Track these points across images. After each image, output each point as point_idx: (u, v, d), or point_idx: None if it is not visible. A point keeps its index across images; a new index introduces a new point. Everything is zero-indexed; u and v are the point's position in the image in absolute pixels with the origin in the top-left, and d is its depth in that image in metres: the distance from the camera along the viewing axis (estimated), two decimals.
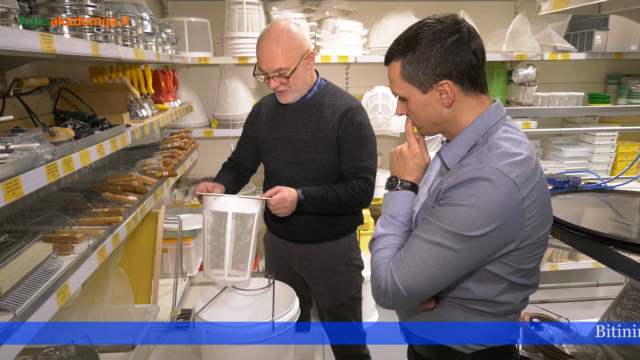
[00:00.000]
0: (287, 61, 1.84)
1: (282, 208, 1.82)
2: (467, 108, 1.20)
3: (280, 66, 1.83)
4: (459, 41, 1.14)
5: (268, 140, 2.05)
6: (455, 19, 1.17)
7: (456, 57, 1.14)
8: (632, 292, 1.95)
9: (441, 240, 1.10)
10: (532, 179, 1.11)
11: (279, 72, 1.85)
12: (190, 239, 2.78)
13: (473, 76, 1.17)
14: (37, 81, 1.63)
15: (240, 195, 1.67)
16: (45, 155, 1.16)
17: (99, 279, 1.94)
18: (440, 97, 1.18)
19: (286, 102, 1.96)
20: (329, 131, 1.94)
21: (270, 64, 1.84)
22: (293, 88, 1.91)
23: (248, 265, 1.71)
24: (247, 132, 2.16)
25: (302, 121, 1.97)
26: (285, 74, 1.85)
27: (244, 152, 2.17)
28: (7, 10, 1.08)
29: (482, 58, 1.18)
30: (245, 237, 1.71)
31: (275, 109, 2.05)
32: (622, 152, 3.71)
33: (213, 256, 1.71)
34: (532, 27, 3.43)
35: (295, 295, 1.78)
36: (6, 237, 1.42)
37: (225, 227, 1.63)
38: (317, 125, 1.95)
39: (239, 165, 2.18)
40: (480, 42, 1.18)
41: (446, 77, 1.16)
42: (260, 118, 2.09)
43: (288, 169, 2.01)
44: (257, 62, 1.90)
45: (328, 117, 1.95)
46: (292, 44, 1.85)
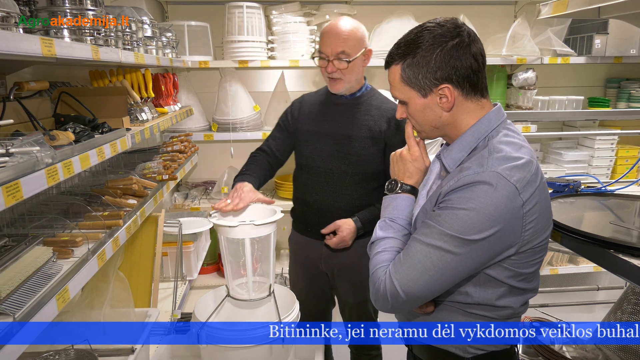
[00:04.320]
0: (351, 48, 1.92)
1: (344, 244, 1.99)
2: (467, 112, 1.20)
3: (343, 49, 1.91)
4: (459, 45, 1.14)
5: (309, 133, 2.09)
6: (456, 23, 1.17)
7: (456, 61, 1.14)
8: (632, 296, 1.95)
9: (441, 244, 1.10)
10: (533, 183, 1.11)
11: (340, 56, 1.92)
12: (190, 243, 2.77)
13: (473, 80, 1.17)
14: (38, 85, 1.63)
15: (256, 223, 1.66)
16: (45, 159, 1.16)
17: (98, 283, 1.94)
18: (440, 101, 1.19)
19: (337, 91, 2.01)
20: (376, 131, 2.01)
21: (335, 46, 1.91)
22: (347, 78, 1.97)
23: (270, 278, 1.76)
24: (284, 125, 2.18)
25: (349, 117, 2.03)
26: (346, 59, 1.92)
27: (279, 142, 2.18)
28: (7, 14, 1.08)
29: (483, 62, 1.18)
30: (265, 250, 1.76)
31: (321, 104, 2.11)
32: (622, 155, 3.71)
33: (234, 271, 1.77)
34: (532, 31, 3.44)
35: (296, 299, 1.78)
36: (6, 240, 1.42)
37: (244, 252, 1.67)
38: (363, 123, 2.01)
39: (270, 156, 2.18)
40: (481, 46, 1.18)
41: (446, 81, 1.16)
42: (303, 111, 2.14)
43: (328, 162, 2.05)
44: (319, 47, 1.98)
45: (375, 117, 2.02)
46: (358, 35, 1.95)
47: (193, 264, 2.85)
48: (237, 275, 1.78)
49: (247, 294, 1.73)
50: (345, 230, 1.96)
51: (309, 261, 2.18)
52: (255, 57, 3.24)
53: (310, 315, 2.19)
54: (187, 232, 2.72)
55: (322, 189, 2.07)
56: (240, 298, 1.76)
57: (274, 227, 1.70)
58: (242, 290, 1.77)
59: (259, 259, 1.75)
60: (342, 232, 1.96)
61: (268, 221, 1.65)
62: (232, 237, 1.68)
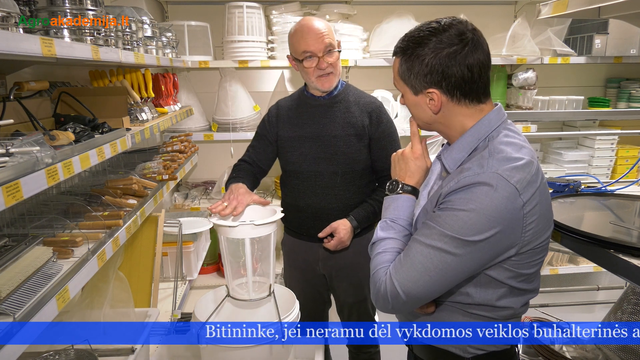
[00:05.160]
0: (333, 39, 1.96)
1: (343, 245, 2.00)
2: (460, 115, 1.20)
3: (330, 41, 1.93)
4: (455, 53, 1.12)
5: (292, 138, 2.07)
6: (461, 29, 1.14)
7: (448, 69, 1.13)
8: (632, 296, 1.94)
9: (441, 245, 1.10)
10: (533, 184, 1.11)
11: (330, 49, 1.93)
12: (190, 243, 2.77)
13: (465, 90, 1.16)
14: (38, 85, 1.63)
15: (256, 223, 1.66)
16: (45, 159, 1.16)
17: (98, 283, 1.93)
18: (429, 103, 1.19)
19: (330, 87, 2.01)
20: (359, 127, 2.00)
21: (322, 40, 1.92)
22: (337, 71, 1.99)
23: (270, 279, 1.75)
24: (264, 133, 2.15)
25: (330, 117, 2.02)
26: (335, 50, 1.95)
27: (260, 152, 2.16)
28: (7, 14, 1.08)
29: (480, 73, 1.15)
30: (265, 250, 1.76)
31: (298, 107, 2.09)
32: (622, 155, 3.70)
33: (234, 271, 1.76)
34: (532, 31, 3.43)
35: (296, 299, 1.78)
36: (6, 240, 1.42)
37: (244, 252, 1.67)
38: (345, 120, 2.01)
39: (253, 167, 2.16)
40: (481, 57, 1.15)
41: (435, 86, 1.16)
42: (281, 117, 2.11)
43: (316, 165, 2.03)
44: (301, 50, 1.94)
45: (356, 114, 2.01)
46: (330, 27, 1.98)
47: (193, 264, 2.85)
48: (237, 275, 1.78)
49: (247, 294, 1.73)
50: (342, 231, 1.97)
51: (306, 264, 2.17)
52: (255, 57, 3.24)
53: (307, 317, 2.19)
54: (187, 232, 2.72)
55: (313, 192, 2.05)
56: (240, 298, 1.76)
57: (274, 227, 1.70)
58: (242, 290, 1.77)
59: (259, 259, 1.75)
60: (339, 234, 1.97)
61: (268, 221, 1.65)
62: (232, 237, 1.68)
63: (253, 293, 1.73)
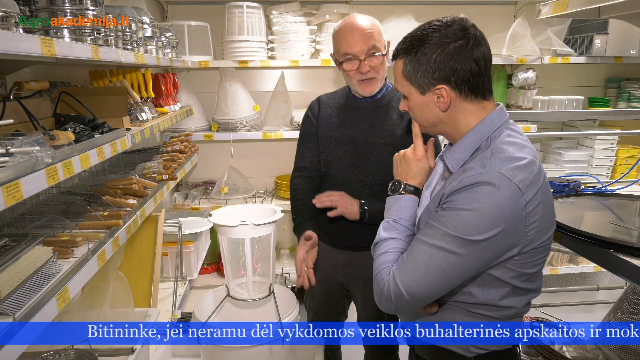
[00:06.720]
0: (379, 41, 1.79)
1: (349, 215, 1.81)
2: (466, 113, 1.20)
3: (375, 44, 1.77)
4: (461, 48, 1.13)
5: (330, 139, 1.95)
6: (463, 25, 1.16)
7: (456, 63, 1.14)
8: (632, 295, 1.95)
9: (444, 245, 1.10)
10: (536, 184, 1.11)
11: (373, 52, 1.77)
12: (190, 243, 2.78)
13: (472, 84, 1.16)
14: (38, 85, 1.63)
15: (256, 223, 1.65)
16: (45, 159, 1.16)
17: (98, 283, 1.93)
18: (437, 101, 1.19)
19: (371, 92, 1.87)
20: (396, 136, 1.87)
21: (365, 42, 1.76)
22: (380, 76, 1.84)
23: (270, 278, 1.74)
24: (310, 131, 2.02)
25: (368, 122, 1.90)
26: (379, 53, 1.79)
27: (315, 154, 2.00)
28: (7, 14, 1.08)
29: (486, 66, 1.17)
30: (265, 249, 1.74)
31: (339, 107, 1.97)
32: (622, 155, 3.71)
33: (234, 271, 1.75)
34: (532, 30, 3.43)
35: (296, 299, 1.78)
36: (6, 240, 1.41)
37: (244, 252, 1.66)
38: (382, 128, 1.88)
39: (312, 173, 2.00)
40: (485, 51, 1.17)
41: (444, 82, 1.16)
42: (322, 115, 1.99)
43: (347, 171, 1.92)
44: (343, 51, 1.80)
45: (395, 121, 1.88)
46: (379, 27, 1.82)
47: (193, 264, 2.85)
48: (237, 275, 1.78)
49: (247, 294, 1.73)
50: (342, 206, 1.81)
51: (326, 271, 2.03)
52: (255, 57, 3.24)
53: None
54: (187, 232, 2.72)
55: None
56: (240, 298, 1.76)
57: (274, 227, 1.70)
58: (242, 290, 1.77)
59: (259, 259, 1.75)
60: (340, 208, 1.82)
61: (268, 221, 1.65)
62: (232, 237, 1.68)
63: (253, 293, 1.73)
